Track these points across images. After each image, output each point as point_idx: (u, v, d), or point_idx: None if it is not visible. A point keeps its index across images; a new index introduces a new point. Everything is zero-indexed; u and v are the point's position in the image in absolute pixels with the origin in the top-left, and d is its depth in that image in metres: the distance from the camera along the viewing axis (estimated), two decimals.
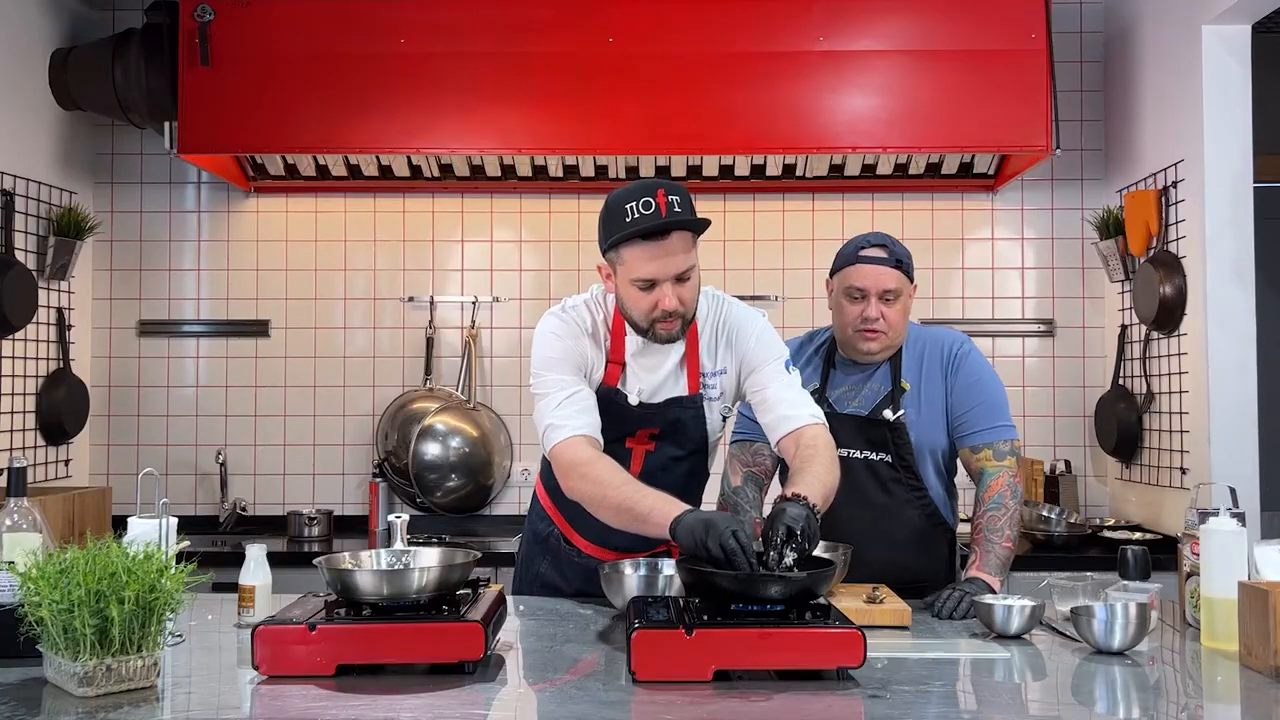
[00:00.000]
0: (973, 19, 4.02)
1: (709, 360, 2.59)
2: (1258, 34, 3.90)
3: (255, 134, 4.10)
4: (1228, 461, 3.71)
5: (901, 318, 2.78)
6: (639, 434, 2.60)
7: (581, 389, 2.51)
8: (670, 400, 2.57)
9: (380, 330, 4.63)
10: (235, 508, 4.50)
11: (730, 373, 2.61)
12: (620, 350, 2.55)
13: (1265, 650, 2.05)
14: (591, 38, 4.03)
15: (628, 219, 2.37)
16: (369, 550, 2.32)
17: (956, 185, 4.56)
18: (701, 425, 2.60)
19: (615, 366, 2.55)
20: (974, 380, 2.80)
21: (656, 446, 2.60)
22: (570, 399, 2.48)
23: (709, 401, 2.60)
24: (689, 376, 2.57)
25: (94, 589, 1.87)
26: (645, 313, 2.45)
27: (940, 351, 2.83)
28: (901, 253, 2.79)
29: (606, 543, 2.68)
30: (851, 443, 2.79)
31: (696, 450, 2.64)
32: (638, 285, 2.42)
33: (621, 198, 2.40)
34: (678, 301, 2.43)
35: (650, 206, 2.36)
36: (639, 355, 2.56)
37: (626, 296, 2.47)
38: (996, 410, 2.80)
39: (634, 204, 2.37)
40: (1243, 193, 3.76)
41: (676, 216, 2.37)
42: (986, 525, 2.70)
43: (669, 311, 2.43)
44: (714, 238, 4.57)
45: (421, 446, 4.42)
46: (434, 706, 1.86)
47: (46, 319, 4.27)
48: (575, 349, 2.54)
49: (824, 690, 1.94)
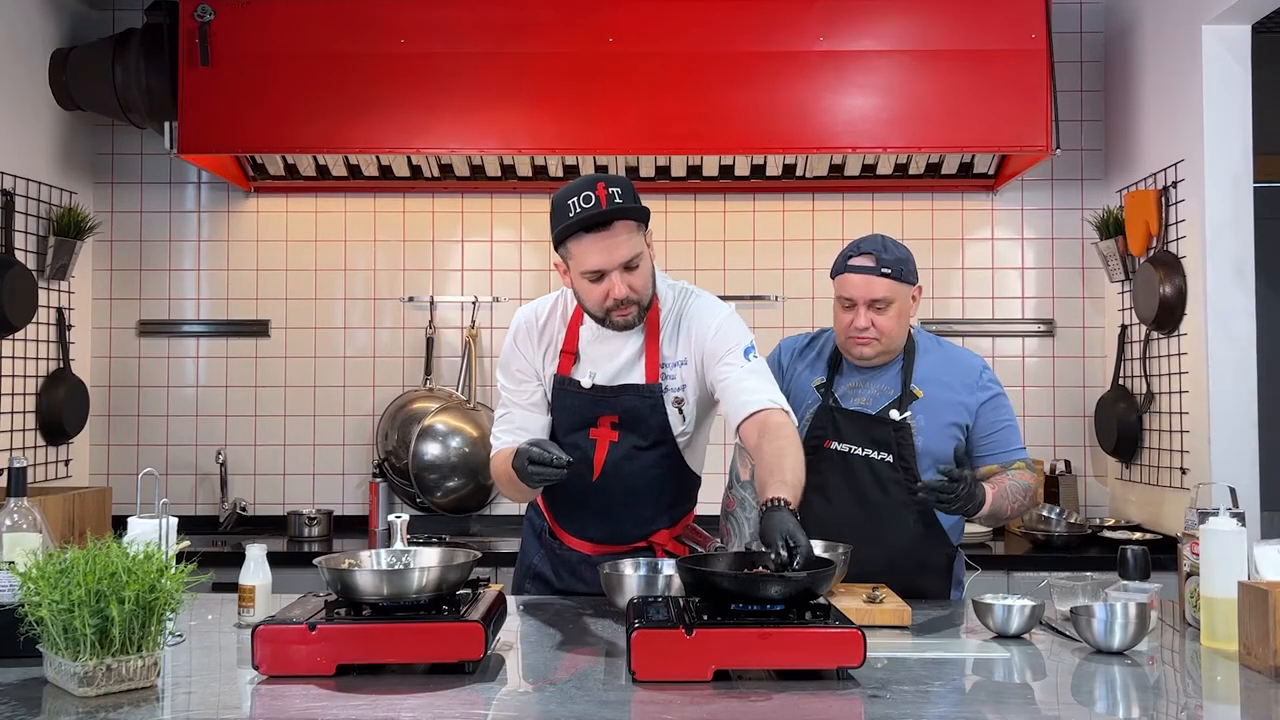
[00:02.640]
0: (973, 19, 4.02)
1: (670, 350, 2.63)
2: (1258, 34, 3.90)
3: (255, 134, 4.10)
4: (1228, 461, 3.71)
5: (895, 323, 2.77)
6: (600, 422, 2.64)
7: (510, 409, 2.70)
8: (626, 385, 2.61)
9: (380, 330, 4.63)
10: (235, 508, 4.50)
11: (691, 364, 2.62)
12: (573, 340, 2.65)
13: (1265, 650, 2.05)
14: (591, 38, 4.03)
15: (571, 214, 2.45)
16: (369, 550, 2.32)
17: (956, 185, 4.56)
18: (661, 415, 2.61)
19: (567, 356, 2.65)
20: (1002, 404, 2.86)
21: (620, 436, 2.63)
22: (502, 419, 2.71)
23: (668, 392, 2.62)
24: (648, 365, 2.61)
25: (94, 589, 1.87)
26: (598, 303, 2.52)
27: (964, 371, 2.86)
28: (893, 259, 2.77)
29: (584, 535, 2.74)
30: (854, 439, 2.79)
31: (660, 442, 2.64)
32: (588, 277, 2.50)
33: (564, 194, 2.48)
34: (628, 289, 2.50)
35: (591, 200, 2.43)
36: (595, 343, 2.64)
37: (579, 289, 2.55)
38: (1017, 432, 2.88)
39: (576, 199, 2.44)
40: (1243, 193, 3.76)
41: (617, 206, 2.44)
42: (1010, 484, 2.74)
43: (620, 299, 2.50)
44: (714, 238, 4.60)
45: (421, 446, 4.42)
46: (434, 706, 1.86)
47: (46, 319, 4.27)
48: (521, 351, 2.70)
49: (824, 690, 1.94)
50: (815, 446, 2.80)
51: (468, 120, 4.07)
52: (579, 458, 2.59)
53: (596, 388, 2.62)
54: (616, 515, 2.69)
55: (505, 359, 2.73)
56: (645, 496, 2.68)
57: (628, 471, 2.61)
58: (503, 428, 2.70)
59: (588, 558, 2.72)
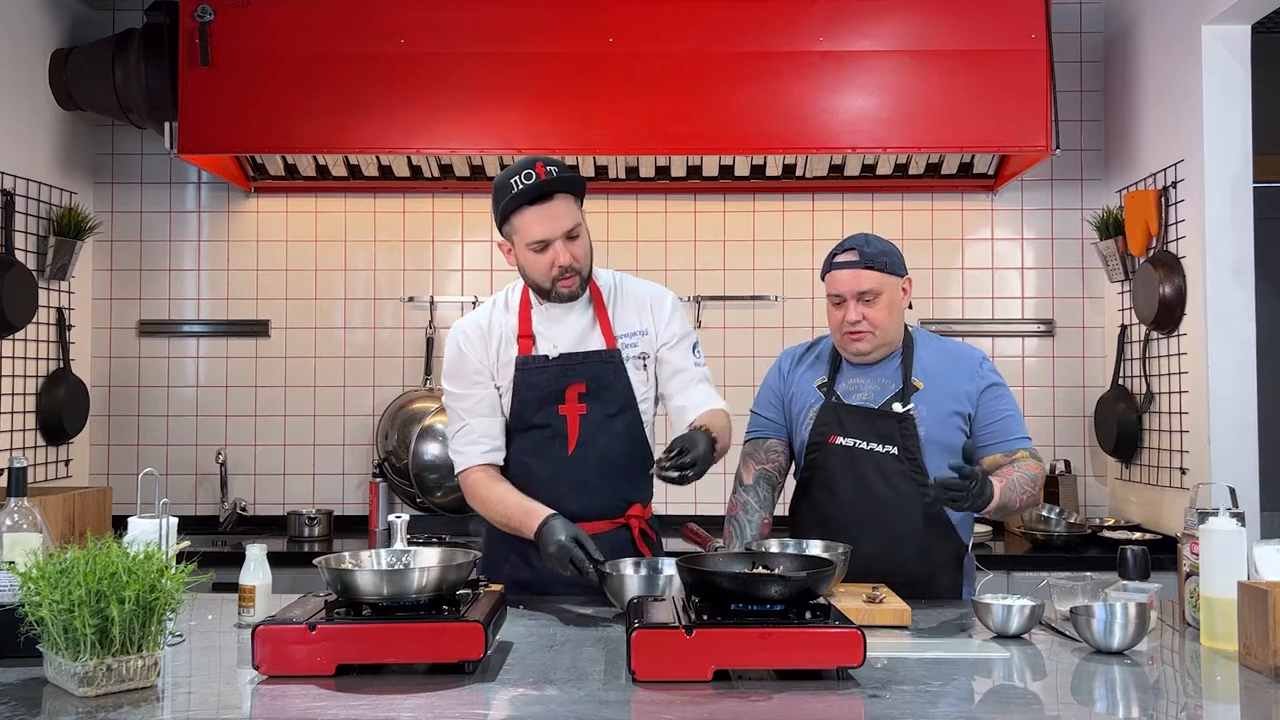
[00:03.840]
0: (973, 19, 4.03)
1: (621, 324, 2.80)
2: (1258, 34, 3.90)
3: (255, 134, 4.10)
4: (1228, 461, 3.71)
5: (887, 315, 2.80)
6: (568, 395, 2.74)
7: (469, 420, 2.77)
8: (590, 352, 2.76)
9: (380, 330, 4.63)
10: (235, 508, 4.51)
11: (650, 333, 2.81)
12: (527, 324, 2.78)
13: (1265, 650, 2.05)
14: (591, 38, 4.03)
15: (514, 190, 2.64)
16: (369, 550, 2.32)
17: (956, 185, 4.56)
18: (624, 378, 2.76)
19: (525, 340, 2.77)
20: (1002, 392, 2.86)
21: (588, 408, 2.74)
22: (460, 433, 2.79)
23: (630, 359, 2.77)
24: (604, 332, 2.78)
25: (94, 589, 1.87)
26: (544, 272, 2.68)
27: (963, 361, 2.87)
28: (876, 252, 2.80)
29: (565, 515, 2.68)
30: (859, 433, 2.80)
31: (626, 408, 2.77)
32: (533, 249, 2.67)
33: (505, 176, 2.66)
34: (571, 257, 2.67)
35: (531, 177, 2.62)
36: (548, 322, 2.78)
37: (526, 261, 2.71)
38: (1019, 422, 2.88)
39: (517, 177, 2.64)
40: (1242, 193, 3.76)
41: (555, 178, 2.64)
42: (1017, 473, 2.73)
43: (565, 267, 2.67)
44: (714, 238, 4.60)
45: (421, 446, 4.42)
46: (434, 706, 1.86)
47: (46, 319, 4.27)
48: (470, 355, 2.77)
49: (824, 690, 1.94)
50: (820, 443, 2.82)
51: (468, 120, 4.07)
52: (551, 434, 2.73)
53: (564, 355, 2.75)
54: (593, 488, 2.74)
55: (453, 369, 2.80)
56: (618, 465, 2.77)
57: (600, 442, 2.72)
58: (464, 442, 2.79)
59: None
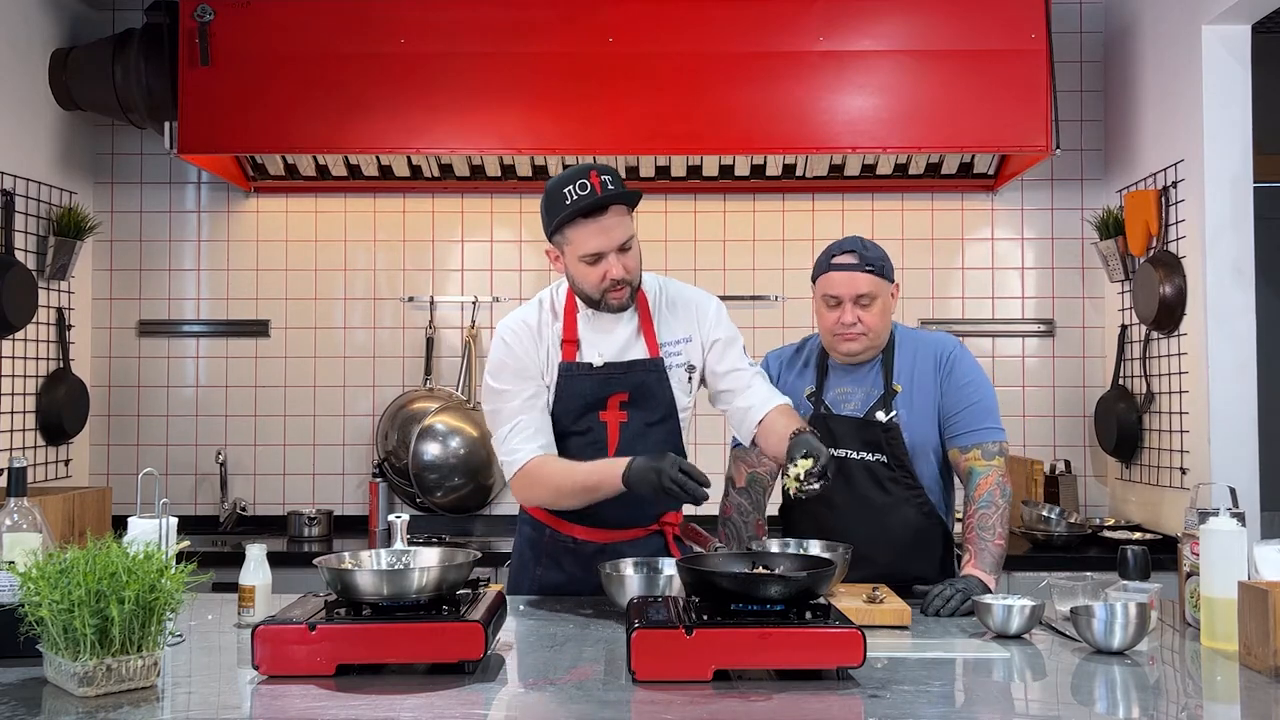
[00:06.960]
0: (972, 19, 4.02)
1: (666, 331, 2.76)
2: (1258, 34, 3.90)
3: (255, 134, 4.10)
4: (1228, 461, 3.71)
5: (880, 319, 2.81)
6: (609, 403, 2.72)
7: (521, 416, 2.69)
8: (634, 361, 2.73)
9: (380, 330, 4.63)
10: (235, 508, 4.51)
11: (695, 340, 2.78)
12: (572, 329, 2.73)
13: (1265, 650, 2.05)
14: (591, 38, 4.03)
15: (567, 202, 2.57)
16: (369, 550, 2.32)
17: (956, 185, 4.56)
18: (666, 387, 2.73)
19: (570, 345, 2.72)
20: (965, 383, 2.84)
21: (629, 416, 2.72)
22: (515, 430, 2.69)
23: (672, 369, 2.74)
24: (648, 341, 2.74)
25: (94, 589, 1.87)
26: (595, 284, 2.64)
27: (932, 354, 2.87)
28: (874, 256, 2.81)
29: (599, 522, 2.74)
30: (848, 443, 2.82)
31: (668, 416, 2.75)
32: (585, 260, 2.62)
33: (559, 184, 2.60)
34: (623, 270, 2.63)
35: (586, 188, 2.56)
36: (593, 330, 2.73)
37: (576, 273, 2.66)
38: (986, 413, 2.84)
39: (571, 187, 2.57)
40: (1243, 193, 3.76)
41: (611, 193, 2.58)
42: (979, 523, 2.72)
43: (617, 280, 2.63)
44: (714, 238, 4.60)
45: (421, 446, 4.42)
46: (434, 706, 1.86)
47: (46, 319, 4.27)
48: (521, 353, 2.71)
49: (824, 690, 1.94)
50: None
51: (468, 120, 4.07)
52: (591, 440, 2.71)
53: (608, 364, 2.71)
54: (631, 495, 2.66)
55: (502, 366, 2.72)
56: None
57: (639, 449, 2.64)
58: (521, 439, 2.68)
59: (603, 548, 2.73)
